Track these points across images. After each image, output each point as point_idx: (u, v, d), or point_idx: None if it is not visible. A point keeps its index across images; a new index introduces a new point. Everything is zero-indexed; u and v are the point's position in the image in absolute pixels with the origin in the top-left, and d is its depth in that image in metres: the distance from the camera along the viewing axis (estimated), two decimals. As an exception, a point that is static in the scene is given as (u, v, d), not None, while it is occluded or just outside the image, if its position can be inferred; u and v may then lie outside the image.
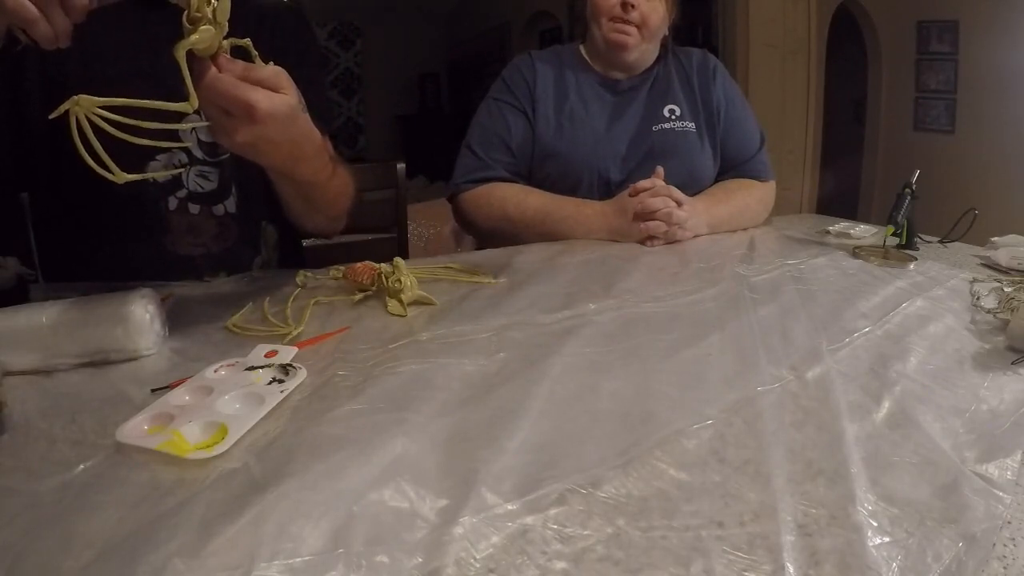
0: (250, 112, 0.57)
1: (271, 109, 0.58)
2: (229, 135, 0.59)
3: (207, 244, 0.89)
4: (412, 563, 0.35)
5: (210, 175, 0.87)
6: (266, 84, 0.59)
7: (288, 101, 0.60)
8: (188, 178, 0.86)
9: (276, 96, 0.59)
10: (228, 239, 0.91)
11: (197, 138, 0.86)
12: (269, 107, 0.58)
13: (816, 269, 0.90)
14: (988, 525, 0.38)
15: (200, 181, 0.87)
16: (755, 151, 1.23)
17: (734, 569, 0.35)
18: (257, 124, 0.58)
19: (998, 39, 2.92)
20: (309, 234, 1.00)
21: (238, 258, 0.93)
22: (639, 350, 0.62)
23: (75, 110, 0.51)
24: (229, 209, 0.90)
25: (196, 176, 0.86)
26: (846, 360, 0.60)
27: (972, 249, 1.03)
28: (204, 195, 0.88)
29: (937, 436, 0.47)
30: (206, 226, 0.89)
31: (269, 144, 0.62)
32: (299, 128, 0.65)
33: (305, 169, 0.73)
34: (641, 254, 0.99)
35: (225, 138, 0.60)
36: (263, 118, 0.58)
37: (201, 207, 0.88)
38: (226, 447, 0.45)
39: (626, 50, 1.15)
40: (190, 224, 0.88)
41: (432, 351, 0.62)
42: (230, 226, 0.90)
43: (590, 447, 0.46)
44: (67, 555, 0.35)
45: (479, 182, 1.17)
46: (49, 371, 0.59)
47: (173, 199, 0.86)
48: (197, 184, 0.87)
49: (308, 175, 0.75)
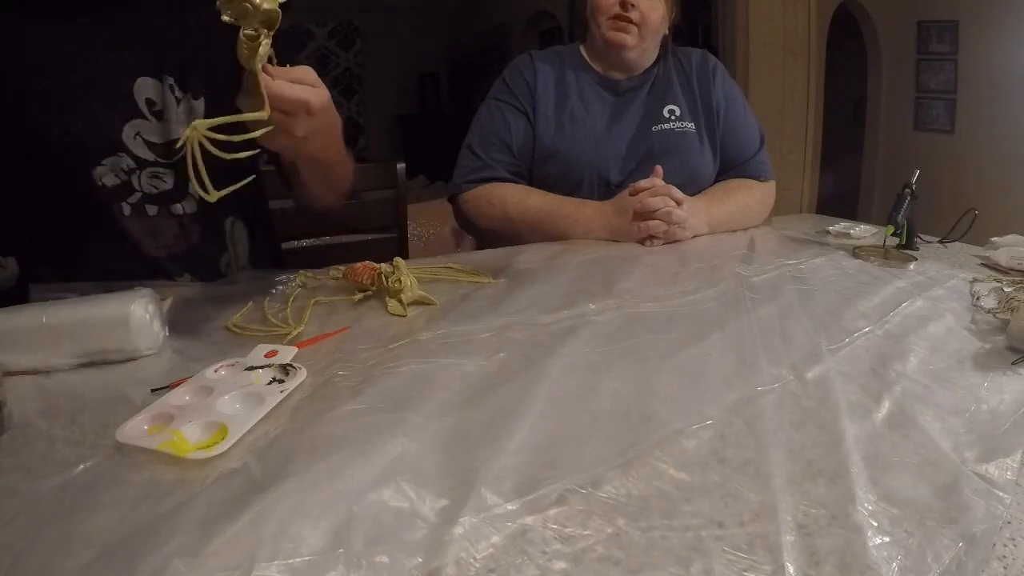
0: (307, 108, 0.64)
1: (322, 103, 0.66)
2: (290, 131, 0.65)
3: (169, 246, 0.88)
4: (412, 563, 0.35)
5: (164, 176, 0.86)
6: (306, 82, 0.66)
7: (326, 93, 0.68)
8: (140, 181, 0.85)
9: (319, 90, 0.67)
10: (190, 238, 0.90)
11: (144, 140, 0.84)
12: (319, 101, 0.66)
13: (816, 269, 0.90)
14: (988, 525, 0.38)
15: (154, 183, 0.86)
16: (755, 151, 1.23)
17: (734, 569, 0.35)
18: (312, 117, 0.65)
19: (998, 39, 2.92)
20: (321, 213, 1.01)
21: (203, 257, 0.92)
22: (639, 350, 0.62)
23: (192, 135, 0.57)
24: (188, 209, 0.89)
25: (149, 178, 0.85)
26: (846, 360, 0.60)
27: (972, 249, 1.03)
28: (160, 196, 0.86)
29: (937, 436, 0.47)
30: (165, 227, 0.88)
31: (318, 133, 0.70)
32: (334, 114, 0.73)
33: (335, 150, 0.82)
34: (641, 254, 0.99)
35: (285, 136, 0.65)
36: (318, 111, 0.65)
37: (159, 208, 0.87)
38: (226, 447, 0.45)
39: (625, 49, 1.15)
40: (149, 227, 0.87)
41: (432, 351, 0.62)
42: (190, 225, 0.89)
43: (590, 447, 0.46)
44: (67, 555, 0.35)
45: (479, 182, 1.17)
46: (49, 371, 0.59)
47: (126, 205, 0.85)
48: (151, 186, 0.86)
49: (335, 155, 0.83)
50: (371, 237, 1.43)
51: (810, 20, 2.81)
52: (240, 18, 0.57)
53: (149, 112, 0.84)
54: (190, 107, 0.86)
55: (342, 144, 0.85)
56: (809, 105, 2.88)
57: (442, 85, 6.60)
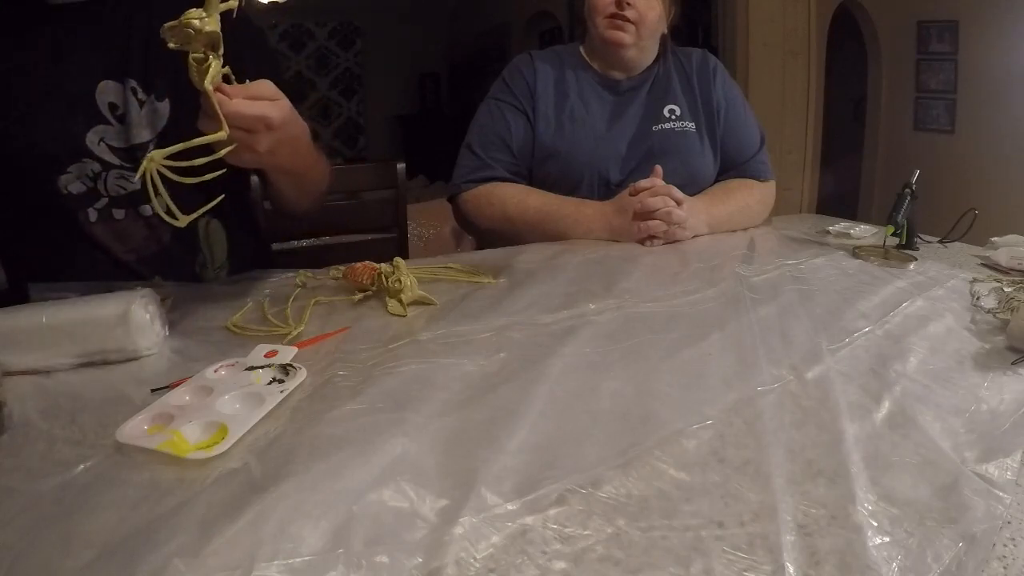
0: (268, 124, 0.64)
1: (282, 116, 0.65)
2: (252, 148, 0.65)
3: (137, 249, 0.87)
4: (412, 563, 0.35)
5: (131, 176, 0.85)
6: (264, 96, 0.65)
7: (287, 104, 0.67)
8: (107, 184, 0.84)
9: (279, 103, 0.66)
10: (161, 240, 0.89)
11: (107, 146, 0.83)
12: (280, 115, 0.65)
13: (816, 269, 0.90)
14: (988, 525, 0.38)
15: (121, 183, 0.85)
16: (755, 151, 1.23)
17: (734, 569, 0.35)
18: (274, 131, 0.65)
19: (998, 39, 2.92)
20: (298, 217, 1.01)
21: (174, 259, 0.90)
22: (639, 350, 0.62)
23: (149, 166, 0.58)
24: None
25: (115, 179, 0.84)
26: (846, 360, 0.60)
27: (972, 249, 1.03)
28: (127, 197, 0.85)
29: (937, 436, 0.47)
30: (134, 230, 0.87)
31: (283, 145, 0.69)
32: (299, 124, 0.72)
33: (304, 158, 0.80)
34: (641, 254, 0.99)
35: (248, 153, 0.65)
36: (279, 125, 0.65)
37: (126, 211, 0.86)
38: (226, 447, 0.45)
39: (623, 48, 1.15)
40: (117, 231, 0.86)
41: (432, 351, 0.62)
42: (160, 227, 0.88)
43: (590, 447, 0.46)
44: (67, 555, 0.35)
45: (479, 182, 1.17)
46: (49, 371, 0.59)
47: (92, 211, 0.84)
48: (118, 187, 0.85)
49: (304, 163, 0.82)
50: (371, 237, 1.44)
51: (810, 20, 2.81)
52: (184, 44, 0.58)
53: (112, 116, 0.83)
54: (154, 109, 0.84)
55: (312, 149, 0.84)
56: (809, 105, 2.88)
57: (442, 85, 6.60)
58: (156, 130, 0.85)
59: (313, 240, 1.48)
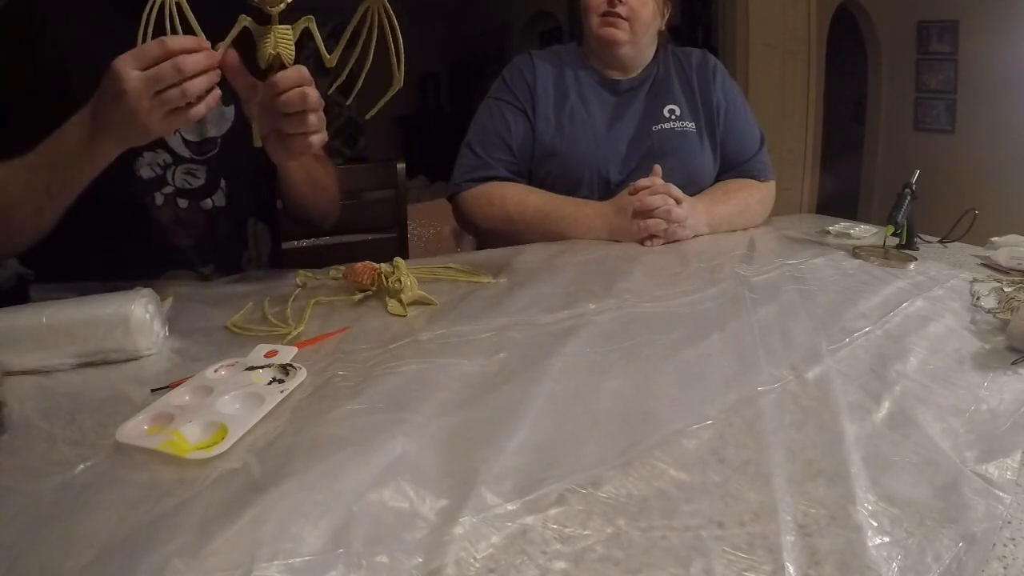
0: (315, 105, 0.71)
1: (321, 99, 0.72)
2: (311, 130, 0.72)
3: (196, 236, 0.93)
4: (412, 563, 0.35)
5: (197, 172, 0.91)
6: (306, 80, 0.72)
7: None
8: (174, 176, 0.89)
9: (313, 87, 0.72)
10: (217, 232, 0.94)
11: (182, 138, 0.89)
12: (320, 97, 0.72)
13: (816, 269, 0.90)
14: (988, 525, 0.38)
15: (187, 178, 0.90)
16: (755, 151, 1.23)
17: (734, 569, 0.35)
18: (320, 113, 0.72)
19: (998, 39, 2.92)
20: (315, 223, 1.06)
21: (227, 251, 0.97)
22: (639, 350, 0.62)
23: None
24: (217, 203, 0.93)
25: (183, 174, 0.90)
26: (846, 360, 0.60)
27: (972, 249, 1.03)
28: (191, 191, 0.91)
29: (937, 436, 0.47)
30: (195, 219, 0.92)
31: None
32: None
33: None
34: (641, 254, 0.99)
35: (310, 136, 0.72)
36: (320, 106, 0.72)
37: (189, 202, 0.91)
38: (226, 447, 0.45)
39: (618, 45, 1.15)
40: (179, 217, 0.91)
41: (432, 351, 0.62)
42: (218, 220, 0.94)
43: (590, 447, 0.46)
44: (67, 555, 0.35)
45: (479, 181, 1.17)
46: (49, 371, 0.59)
47: (159, 195, 0.89)
48: (184, 181, 0.90)
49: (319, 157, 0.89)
50: (371, 237, 1.44)
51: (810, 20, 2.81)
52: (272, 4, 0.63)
53: None
54: (221, 112, 0.91)
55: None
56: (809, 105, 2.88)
57: (442, 85, 6.59)
58: (221, 132, 0.93)
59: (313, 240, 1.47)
